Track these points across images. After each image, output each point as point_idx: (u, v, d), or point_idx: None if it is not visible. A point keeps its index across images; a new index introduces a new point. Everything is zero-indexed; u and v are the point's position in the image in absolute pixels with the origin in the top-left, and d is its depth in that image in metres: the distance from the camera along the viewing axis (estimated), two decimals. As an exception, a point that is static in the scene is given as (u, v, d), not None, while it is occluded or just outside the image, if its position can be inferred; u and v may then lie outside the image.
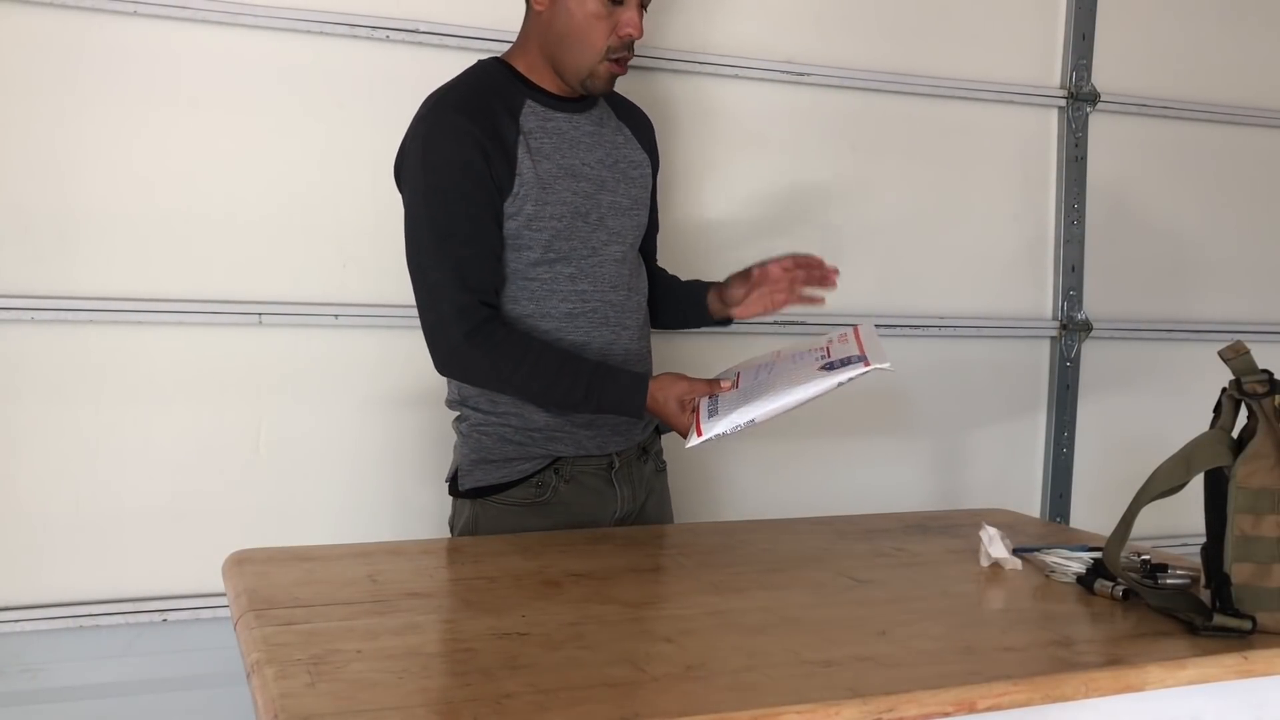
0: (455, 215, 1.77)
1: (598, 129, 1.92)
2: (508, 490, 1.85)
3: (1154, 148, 2.99)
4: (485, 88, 1.85)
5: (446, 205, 1.77)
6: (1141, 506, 1.42)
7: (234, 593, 1.46)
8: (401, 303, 2.30)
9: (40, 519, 2.15)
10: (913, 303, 2.77)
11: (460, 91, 1.85)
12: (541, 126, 1.84)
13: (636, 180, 1.96)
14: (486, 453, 1.86)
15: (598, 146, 1.90)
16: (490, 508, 1.86)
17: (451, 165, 1.77)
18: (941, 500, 2.80)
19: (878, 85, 2.69)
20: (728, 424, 1.58)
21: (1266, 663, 1.31)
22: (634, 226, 1.95)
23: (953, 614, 1.45)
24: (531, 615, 1.36)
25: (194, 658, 2.22)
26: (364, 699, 1.09)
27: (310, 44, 2.25)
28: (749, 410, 1.58)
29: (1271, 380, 1.39)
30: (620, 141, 1.96)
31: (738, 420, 1.57)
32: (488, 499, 1.86)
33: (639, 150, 1.99)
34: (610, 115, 1.98)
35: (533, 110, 1.84)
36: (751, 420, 1.57)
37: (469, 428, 1.89)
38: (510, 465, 1.85)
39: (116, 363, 2.17)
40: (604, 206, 1.89)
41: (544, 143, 1.83)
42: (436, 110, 1.82)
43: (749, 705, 1.10)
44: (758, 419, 1.58)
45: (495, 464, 1.86)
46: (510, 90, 1.85)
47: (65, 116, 2.12)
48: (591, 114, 1.92)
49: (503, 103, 1.82)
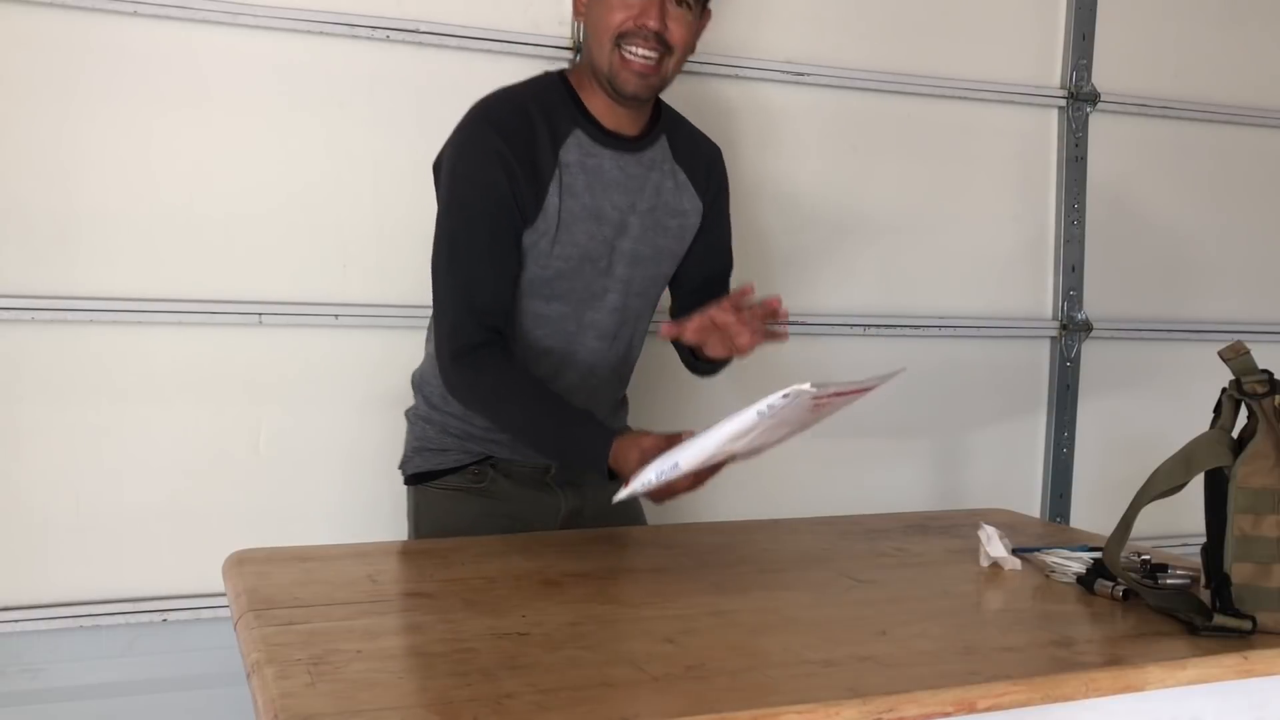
0: (474, 234, 1.74)
1: (644, 172, 1.83)
2: (445, 476, 1.88)
3: (1154, 148, 2.99)
4: (535, 108, 1.77)
5: (467, 222, 1.74)
6: (1141, 506, 1.42)
7: (234, 593, 1.46)
8: (401, 303, 2.32)
9: (41, 519, 2.15)
10: (913, 303, 2.77)
11: (507, 108, 1.78)
12: (581, 162, 1.78)
13: (670, 230, 1.88)
14: (428, 441, 1.90)
15: (635, 191, 1.82)
16: (429, 493, 1.90)
17: (478, 184, 1.73)
18: (941, 500, 2.80)
19: (878, 85, 2.69)
20: (654, 469, 1.46)
21: (1267, 663, 1.30)
22: (646, 277, 1.88)
23: (953, 614, 1.45)
24: (531, 615, 1.36)
25: (194, 658, 2.22)
26: (364, 699, 1.09)
27: (310, 44, 2.25)
28: (674, 454, 1.45)
29: (1271, 380, 1.39)
30: (667, 188, 1.87)
31: (662, 465, 1.45)
32: (428, 485, 1.90)
33: (689, 198, 1.90)
34: (667, 157, 1.88)
35: (577, 142, 1.78)
36: (675, 464, 1.44)
37: (415, 416, 1.93)
38: (447, 454, 1.88)
39: (117, 363, 2.18)
40: (618, 252, 1.82)
41: (578, 179, 1.77)
42: (478, 123, 1.76)
43: (749, 705, 1.09)
44: (681, 462, 1.44)
45: (434, 452, 1.89)
46: (560, 115, 1.78)
47: (66, 116, 2.12)
48: (643, 155, 1.84)
49: (549, 128, 1.76)
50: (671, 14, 1.73)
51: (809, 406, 1.40)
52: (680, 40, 1.74)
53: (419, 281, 2.32)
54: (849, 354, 2.70)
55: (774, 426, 1.41)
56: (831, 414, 1.50)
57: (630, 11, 1.71)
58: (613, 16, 1.72)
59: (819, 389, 1.33)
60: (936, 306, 2.79)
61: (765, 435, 1.44)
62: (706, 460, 1.45)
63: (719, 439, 1.41)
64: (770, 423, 1.38)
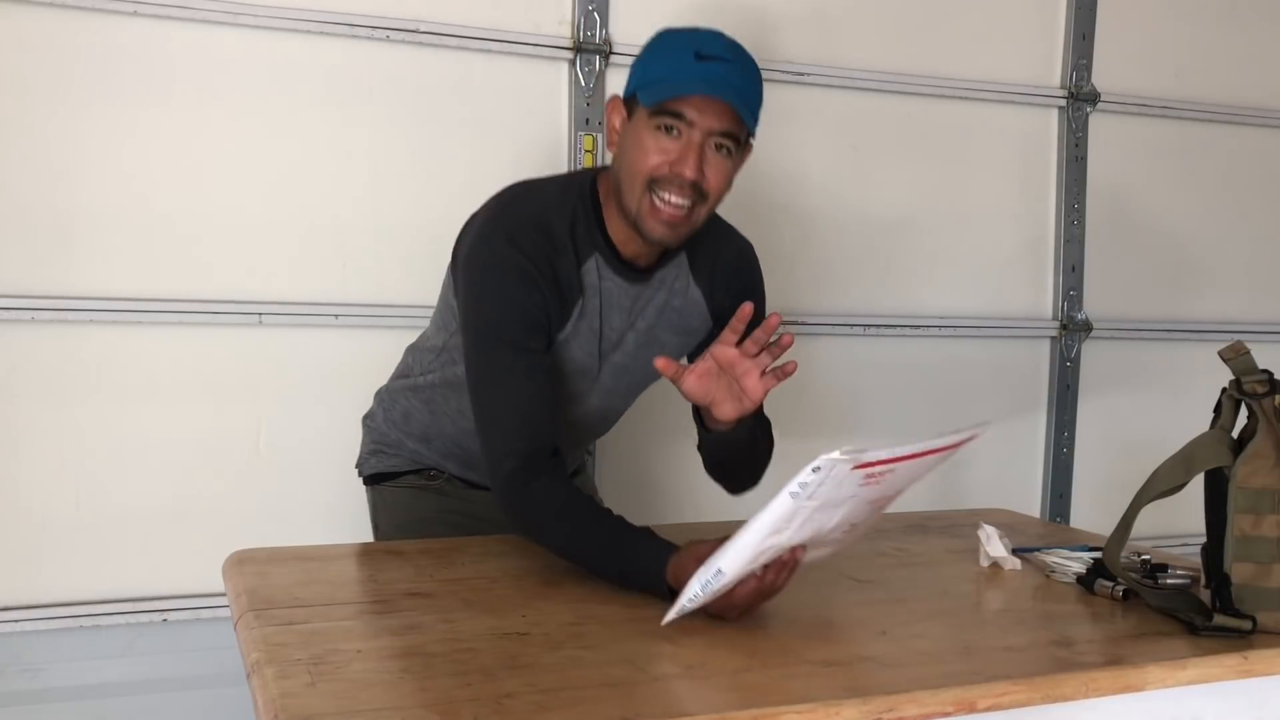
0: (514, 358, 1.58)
1: (650, 292, 1.70)
2: (401, 477, 1.89)
3: (1154, 148, 2.99)
4: (560, 225, 1.62)
5: (505, 342, 1.58)
6: (1141, 507, 1.42)
7: (234, 593, 1.45)
8: (401, 303, 2.32)
9: (40, 519, 2.15)
10: (913, 303, 2.77)
11: (531, 227, 1.61)
12: (595, 285, 1.66)
13: (668, 345, 1.75)
14: (384, 445, 1.91)
15: (636, 311, 1.70)
16: (386, 493, 1.91)
17: (512, 303, 1.58)
18: (941, 500, 2.79)
19: (878, 85, 2.69)
20: (698, 581, 1.28)
21: (1267, 663, 1.30)
22: (633, 383, 1.79)
23: (953, 614, 1.45)
24: (532, 615, 1.36)
25: (194, 658, 2.22)
26: (364, 699, 1.09)
27: (310, 44, 2.25)
28: (716, 560, 1.28)
29: (1271, 380, 1.39)
30: (673, 306, 1.73)
31: (705, 574, 1.27)
32: (384, 485, 1.91)
33: (698, 316, 1.75)
34: (681, 274, 1.73)
35: (595, 265, 1.65)
36: (718, 570, 1.27)
37: (372, 424, 1.94)
38: (401, 456, 1.90)
39: (117, 363, 2.18)
40: (607, 364, 1.73)
41: (591, 302, 1.66)
42: (504, 243, 1.59)
43: (749, 705, 1.09)
44: (724, 567, 1.27)
45: (389, 455, 1.91)
46: (583, 235, 1.64)
47: (66, 116, 2.12)
48: (655, 276, 1.70)
49: (573, 248, 1.63)
50: (710, 161, 1.55)
51: (859, 481, 1.23)
52: (716, 187, 1.58)
53: (419, 281, 2.33)
54: (849, 354, 2.70)
55: (823, 510, 1.25)
56: (903, 486, 1.34)
57: (666, 156, 1.54)
58: (647, 159, 1.55)
59: (852, 456, 1.18)
60: (936, 306, 2.79)
61: (819, 522, 1.27)
62: (752, 560, 1.28)
63: (758, 534, 1.25)
64: (812, 505, 1.22)
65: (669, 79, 1.54)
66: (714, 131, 1.53)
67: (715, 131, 1.53)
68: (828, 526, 1.30)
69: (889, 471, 1.25)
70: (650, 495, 2.52)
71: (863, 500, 1.28)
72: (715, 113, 1.52)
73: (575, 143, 2.42)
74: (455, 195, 2.35)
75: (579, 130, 2.42)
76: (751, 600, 1.32)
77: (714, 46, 1.55)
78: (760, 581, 1.31)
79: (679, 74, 1.53)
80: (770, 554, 1.29)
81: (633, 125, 1.58)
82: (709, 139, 1.54)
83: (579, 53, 2.41)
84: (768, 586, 1.31)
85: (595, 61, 2.42)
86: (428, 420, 1.85)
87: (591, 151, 2.42)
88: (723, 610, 1.32)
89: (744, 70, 1.56)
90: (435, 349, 1.82)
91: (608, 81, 2.43)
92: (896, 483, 1.31)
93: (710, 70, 1.52)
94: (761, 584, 1.31)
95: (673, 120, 1.53)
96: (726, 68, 1.53)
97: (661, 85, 1.54)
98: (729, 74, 1.53)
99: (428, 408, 1.85)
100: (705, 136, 1.53)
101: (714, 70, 1.52)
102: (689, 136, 1.53)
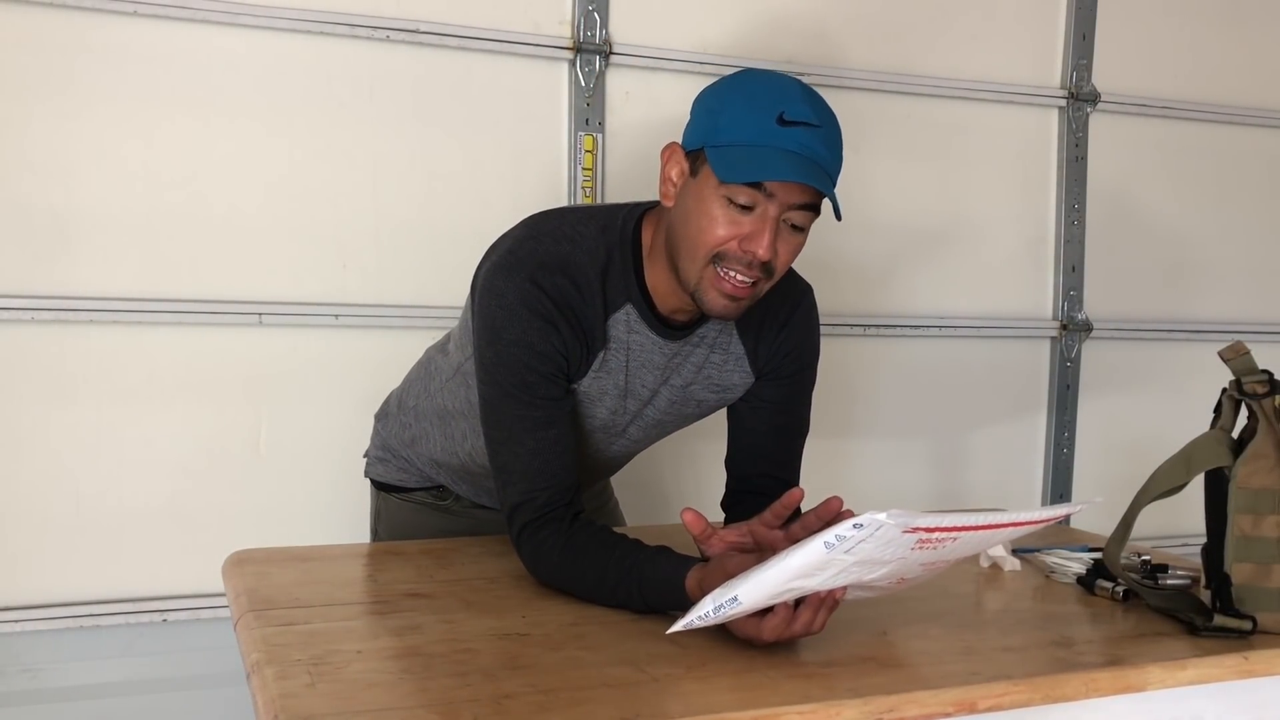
0: (531, 406, 1.48)
1: (689, 349, 1.57)
2: (410, 492, 1.86)
3: (1154, 148, 2.99)
4: (592, 269, 1.49)
5: (520, 387, 1.48)
6: (1141, 507, 1.42)
7: (234, 593, 1.46)
8: (401, 303, 2.32)
9: (40, 519, 2.15)
10: (913, 303, 2.77)
11: (557, 270, 1.47)
12: (624, 338, 1.53)
13: (706, 403, 1.64)
14: (392, 454, 1.87)
15: (672, 369, 1.58)
16: (392, 502, 1.88)
17: (531, 349, 1.47)
18: (941, 500, 2.80)
19: (878, 85, 2.69)
20: (712, 600, 1.22)
21: (1267, 663, 1.30)
22: (666, 433, 1.70)
23: (953, 614, 1.45)
24: (532, 615, 1.36)
25: (194, 658, 2.22)
26: (364, 699, 1.09)
27: (310, 44, 2.25)
28: (735, 585, 1.21)
29: (1271, 380, 1.40)
30: (713, 362, 1.60)
31: (721, 596, 1.21)
32: (391, 494, 1.88)
33: (739, 374, 1.62)
34: (725, 329, 1.59)
35: (626, 316, 1.51)
36: (734, 598, 1.19)
37: (385, 430, 1.88)
38: (408, 472, 1.86)
39: (117, 363, 2.17)
40: (639, 420, 1.62)
41: (617, 356, 1.53)
42: (528, 285, 1.46)
43: (749, 705, 1.10)
44: (741, 596, 1.19)
45: (396, 466, 1.87)
46: (616, 283, 1.50)
47: (65, 116, 2.12)
48: (695, 333, 1.57)
49: (603, 295, 1.49)
50: (784, 237, 1.41)
51: (910, 544, 1.16)
52: (785, 264, 1.44)
53: (419, 282, 2.34)
54: (849, 354, 2.70)
55: (864, 565, 1.19)
56: (968, 554, 1.29)
57: (738, 230, 1.39)
58: (714, 231, 1.39)
59: (897, 521, 1.09)
60: (936, 306, 2.79)
61: (857, 574, 1.21)
62: (773, 596, 1.20)
63: (782, 574, 1.17)
64: (849, 560, 1.16)
65: (747, 148, 1.37)
66: (793, 205, 1.39)
67: (794, 205, 1.39)
68: (869, 577, 1.23)
69: (950, 539, 1.19)
70: (656, 495, 2.52)
71: (913, 562, 1.22)
72: (798, 187, 1.38)
73: (575, 143, 2.42)
74: (455, 195, 2.37)
75: (579, 130, 2.42)
76: (783, 636, 1.24)
77: (799, 109, 1.37)
78: (796, 619, 1.23)
79: (760, 141, 1.36)
80: (796, 594, 1.22)
81: (697, 185, 1.41)
82: (786, 211, 1.39)
83: (579, 53, 2.41)
84: (803, 626, 1.23)
85: (595, 62, 2.42)
86: (441, 444, 1.77)
87: (592, 151, 2.42)
88: (750, 638, 1.25)
89: (829, 137, 1.39)
90: (454, 366, 1.70)
91: (608, 81, 2.43)
92: (960, 549, 1.24)
93: (795, 140, 1.36)
94: (796, 622, 1.23)
95: (749, 196, 1.38)
96: (813, 135, 1.36)
97: (739, 157, 1.37)
98: (814, 144, 1.37)
99: (442, 432, 1.76)
100: (783, 209, 1.39)
101: (799, 140, 1.36)
102: (765, 209, 1.38)
